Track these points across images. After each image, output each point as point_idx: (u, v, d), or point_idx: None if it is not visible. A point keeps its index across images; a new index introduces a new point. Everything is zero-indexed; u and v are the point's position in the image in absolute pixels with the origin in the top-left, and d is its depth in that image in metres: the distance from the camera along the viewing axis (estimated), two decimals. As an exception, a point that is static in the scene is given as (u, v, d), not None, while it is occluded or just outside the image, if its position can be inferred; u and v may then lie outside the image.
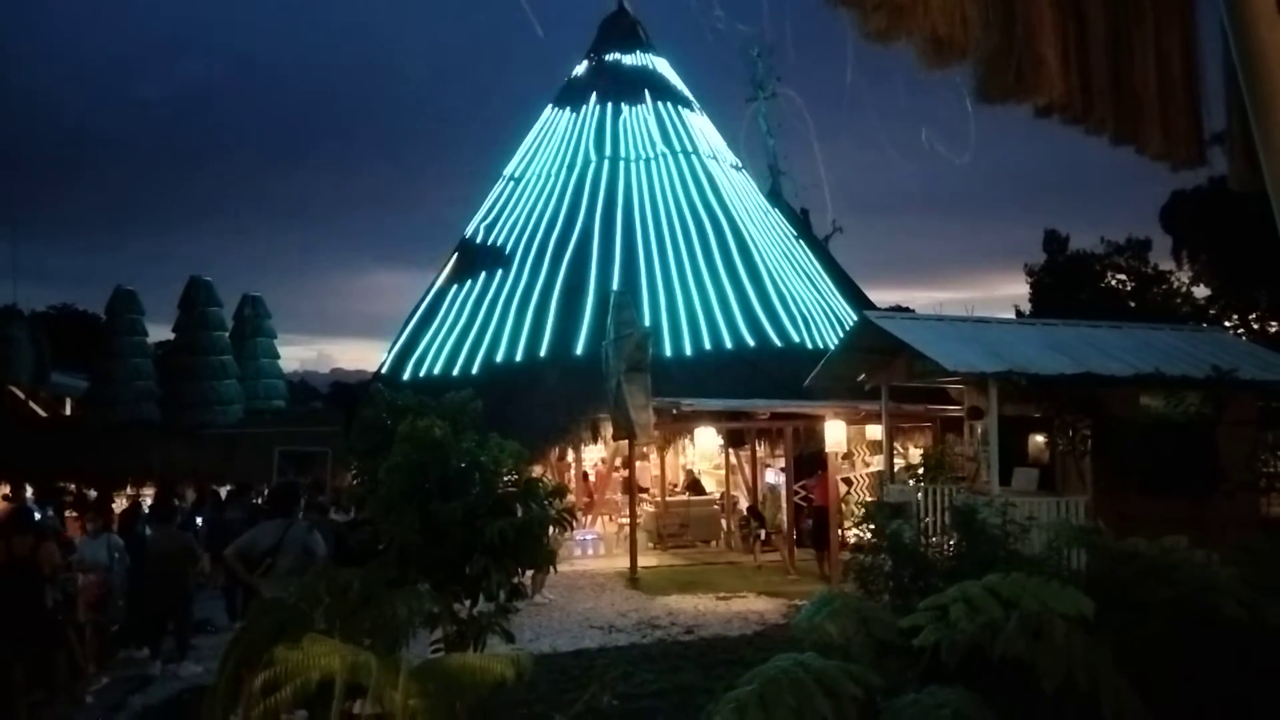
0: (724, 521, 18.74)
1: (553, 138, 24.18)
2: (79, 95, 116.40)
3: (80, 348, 28.51)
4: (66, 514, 14.28)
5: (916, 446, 18.00)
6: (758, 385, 17.78)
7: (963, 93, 2.25)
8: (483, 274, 21.85)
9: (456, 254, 23.38)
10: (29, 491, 18.77)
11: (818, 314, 21.41)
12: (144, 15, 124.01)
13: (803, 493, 16.27)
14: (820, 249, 25.54)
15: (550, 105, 25.16)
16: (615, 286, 18.51)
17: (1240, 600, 4.86)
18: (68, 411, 27.01)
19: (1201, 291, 30.87)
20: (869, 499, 16.36)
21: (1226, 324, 27.31)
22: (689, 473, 20.31)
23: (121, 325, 24.40)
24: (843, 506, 15.57)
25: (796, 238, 24.21)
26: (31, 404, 24.68)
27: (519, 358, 19.60)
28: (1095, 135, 2.39)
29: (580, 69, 25.40)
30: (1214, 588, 4.94)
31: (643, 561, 15.52)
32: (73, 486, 18.23)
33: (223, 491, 16.12)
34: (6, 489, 19.29)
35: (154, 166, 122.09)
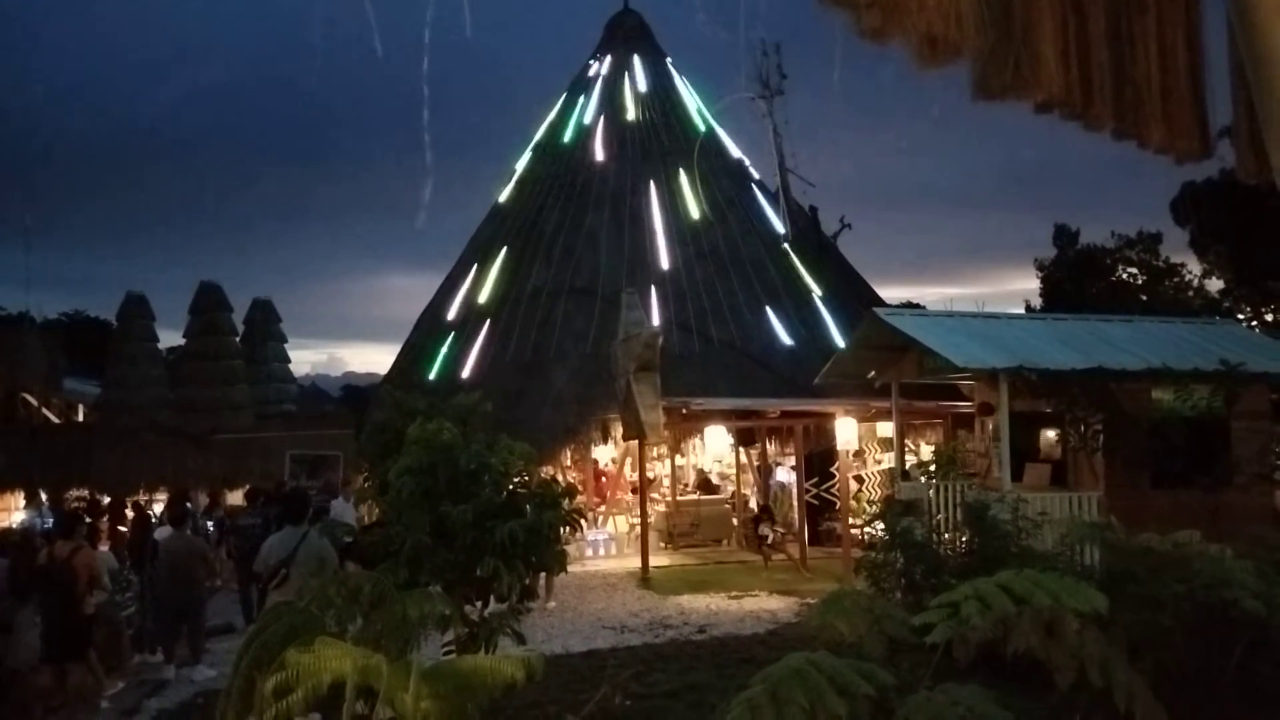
0: (735, 521, 18.73)
1: (563, 134, 24.23)
2: (90, 102, 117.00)
3: (92, 354, 28.67)
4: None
5: (928, 443, 17.96)
6: (767, 383, 17.75)
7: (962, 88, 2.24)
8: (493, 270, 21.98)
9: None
10: (43, 498, 18.89)
11: (827, 311, 21.33)
12: (156, 23, 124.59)
13: (814, 491, 16.25)
14: (829, 246, 25.45)
15: (559, 102, 25.24)
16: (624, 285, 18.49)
17: (1255, 593, 4.84)
18: (80, 417, 27.13)
19: (1215, 284, 30.69)
20: (880, 496, 16.37)
21: (1240, 316, 27.11)
22: (700, 472, 20.28)
23: (133, 331, 24.50)
24: (853, 504, 15.54)
25: (802, 236, 24.16)
26: (44, 410, 24.81)
27: (528, 356, 19.60)
28: (1095, 131, 2.37)
29: (587, 67, 25.46)
30: (1228, 581, 4.93)
31: (654, 561, 15.52)
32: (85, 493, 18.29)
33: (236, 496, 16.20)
34: (22, 496, 19.42)
35: (165, 172, 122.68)
